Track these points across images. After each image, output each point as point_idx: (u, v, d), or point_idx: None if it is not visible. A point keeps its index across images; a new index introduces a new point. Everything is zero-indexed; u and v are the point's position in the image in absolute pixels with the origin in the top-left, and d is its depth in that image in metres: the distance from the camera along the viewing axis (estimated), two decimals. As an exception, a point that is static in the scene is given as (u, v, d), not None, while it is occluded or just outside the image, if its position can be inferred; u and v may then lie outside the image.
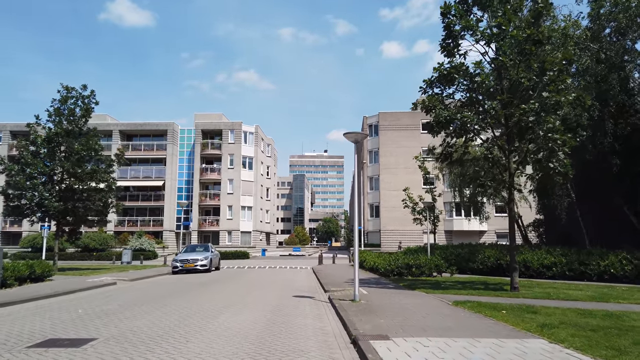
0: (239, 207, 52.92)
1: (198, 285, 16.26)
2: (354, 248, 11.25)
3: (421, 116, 52.02)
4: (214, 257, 25.12)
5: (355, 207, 11.90)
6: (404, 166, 50.85)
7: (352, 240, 57.22)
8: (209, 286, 16.05)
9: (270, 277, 21.43)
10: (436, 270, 19.61)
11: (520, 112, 12.11)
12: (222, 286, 16.02)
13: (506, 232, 51.29)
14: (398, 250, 43.98)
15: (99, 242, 46.70)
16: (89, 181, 23.39)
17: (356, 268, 11.09)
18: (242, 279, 20.04)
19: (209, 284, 17.12)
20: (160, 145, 53.84)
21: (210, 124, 54.90)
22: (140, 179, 53.13)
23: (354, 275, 11.06)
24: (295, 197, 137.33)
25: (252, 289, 15.02)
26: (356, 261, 11.14)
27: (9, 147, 51.81)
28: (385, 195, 50.67)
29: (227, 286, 16.09)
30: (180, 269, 23.01)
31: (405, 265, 19.33)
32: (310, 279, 20.35)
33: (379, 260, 22.17)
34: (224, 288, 15.30)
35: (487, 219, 35.35)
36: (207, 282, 17.97)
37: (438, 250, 26.63)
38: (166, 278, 20.64)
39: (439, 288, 14.16)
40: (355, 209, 11.57)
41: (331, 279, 18.53)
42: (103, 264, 36.13)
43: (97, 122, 54.86)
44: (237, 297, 12.69)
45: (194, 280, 18.93)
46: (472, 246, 25.57)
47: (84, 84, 23.69)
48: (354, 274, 11.06)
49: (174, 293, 13.86)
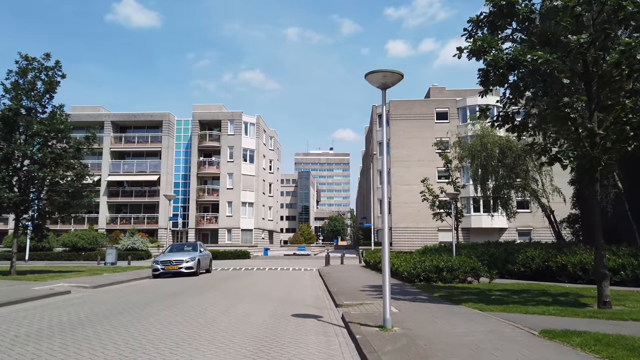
0: (239, 203, 49.24)
1: (170, 296, 12.54)
2: (363, 247, 7.34)
3: (435, 104, 48.16)
4: (204, 257, 21.45)
5: (384, 192, 7.95)
6: (416, 158, 47.01)
7: (361, 239, 53.67)
8: (182, 297, 12.33)
9: (267, 282, 17.70)
10: (472, 275, 15.80)
11: (621, 49, 8.28)
12: (200, 297, 12.29)
13: (528, 230, 47.48)
14: None
15: (88, 240, 43.13)
16: (55, 168, 19.73)
17: (386, 277, 7.26)
18: (232, 285, 16.31)
19: (185, 292, 13.40)
20: (155, 137, 50.27)
21: (208, 114, 51.24)
22: (133, 173, 49.57)
23: (384, 287, 7.26)
24: (301, 195, 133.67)
25: (237, 302, 11.28)
26: (386, 268, 7.31)
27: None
28: (396, 190, 46.80)
29: (206, 297, 12.36)
30: (161, 271, 19.36)
31: (434, 269, 15.54)
32: (316, 285, 16.60)
33: (398, 262, 18.40)
34: (200, 300, 11.57)
35: (515, 214, 31.41)
36: (186, 289, 14.25)
37: (465, 249, 22.82)
38: (140, 284, 16.96)
39: (490, 301, 10.38)
40: (385, 194, 7.59)
41: (342, 285, 14.79)
42: (85, 265, 32.58)
43: (89, 112, 51.57)
44: (211, 316, 8.96)
45: (171, 287, 15.23)
46: (509, 245, 21.75)
47: (46, 53, 20.03)
48: (384, 286, 7.26)
49: (129, 309, 10.14)
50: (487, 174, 31.29)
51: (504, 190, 30.95)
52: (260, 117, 52.63)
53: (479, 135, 32.53)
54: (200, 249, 21.49)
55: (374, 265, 23.02)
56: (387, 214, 7.09)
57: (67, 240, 42.88)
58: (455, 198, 24.52)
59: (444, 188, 29.45)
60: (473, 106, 46.37)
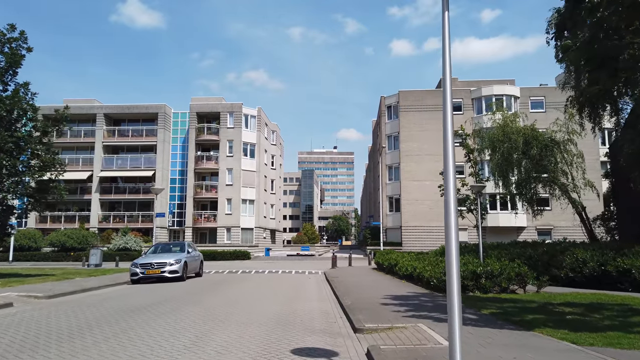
0: (239, 200, 46.30)
1: (127, 315, 9.49)
2: (371, 248, 4.31)
3: (448, 95, 45.06)
4: (192, 259, 18.52)
5: (450, 177, 4.76)
6: (428, 153, 43.96)
7: (368, 238, 50.65)
8: (144, 316, 9.32)
9: (265, 290, 14.73)
10: (517, 282, 12.78)
11: None
12: (168, 317, 9.26)
13: (549, 229, 44.25)
14: None
15: (78, 240, 40.31)
16: (16, 155, 16.84)
17: (455, 299, 4.16)
18: (220, 294, 13.35)
19: (153, 308, 10.40)
20: (151, 130, 47.40)
21: (206, 106, 48.31)
22: (127, 168, 46.69)
23: (452, 314, 4.16)
24: (304, 194, 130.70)
25: (217, 325, 8.29)
26: (455, 281, 4.21)
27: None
28: (406, 187, 43.78)
29: (177, 315, 9.34)
30: (141, 276, 16.45)
31: (470, 275, 12.53)
32: (323, 294, 13.63)
33: (420, 265, 15.42)
34: (164, 323, 8.51)
35: (541, 211, 28.34)
36: (157, 303, 11.27)
37: (494, 251, 19.82)
38: (108, 293, 14.03)
39: (571, 325, 7.39)
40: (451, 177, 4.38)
41: (357, 294, 11.83)
42: (68, 266, 29.76)
43: (80, 105, 48.76)
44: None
45: (141, 298, 12.29)
46: (550, 245, 18.73)
47: (10, 24, 17.14)
48: (451, 312, 4.15)
49: (42, 344, 7.20)
50: (509, 166, 28.17)
51: (529, 184, 27.90)
52: (262, 110, 49.68)
53: (500, 124, 29.38)
54: (189, 249, 18.54)
55: (389, 268, 20.04)
56: (453, 201, 4.11)
57: (55, 239, 40.12)
58: (480, 191, 21.47)
59: (465, 181, 26.53)
60: (489, 96, 43.30)
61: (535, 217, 28.79)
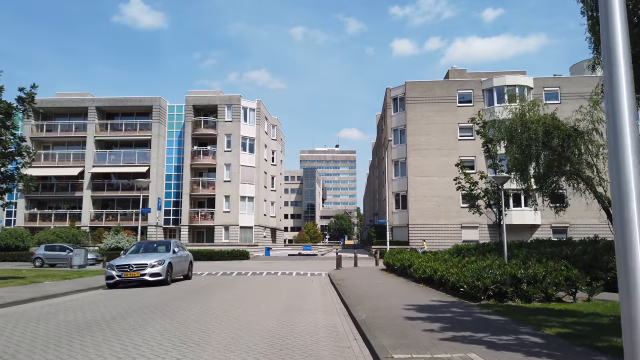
0: (237, 197, 44.07)
1: (83, 331, 7.33)
2: (377, 247, 2.03)
3: (458, 85, 42.77)
4: (179, 260, 16.30)
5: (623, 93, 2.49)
6: (436, 147, 41.72)
7: (373, 237, 48.39)
8: (95, 335, 7.11)
9: (259, 297, 12.49)
10: (566, 288, 10.52)
11: None
12: (128, 337, 7.06)
13: (564, 227, 41.85)
14: (421, 249, 34.62)
15: (67, 239, 38.10)
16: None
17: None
18: (203, 303, 11.10)
19: (114, 322, 8.18)
20: (145, 124, 45.22)
21: (203, 98, 46.07)
22: (120, 164, 44.52)
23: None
24: (306, 192, 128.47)
25: (185, 353, 6.06)
26: None
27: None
28: (413, 183, 41.49)
29: (134, 338, 7.10)
30: (117, 279, 14.25)
31: (509, 279, 10.28)
32: (329, 302, 11.39)
33: (441, 268, 13.19)
34: (107, 352, 6.36)
35: (565, 207, 26.05)
36: (120, 316, 8.96)
37: (521, 250, 17.58)
38: (77, 300, 11.82)
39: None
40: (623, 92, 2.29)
41: (370, 303, 9.62)
42: (50, 268, 27.62)
43: (70, 98, 46.63)
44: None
45: (103, 309, 10.03)
46: (589, 244, 16.50)
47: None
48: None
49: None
50: (528, 159, 25.86)
51: (550, 178, 25.62)
52: (261, 102, 47.45)
53: (517, 113, 27.09)
54: (175, 248, 16.29)
55: (402, 269, 17.81)
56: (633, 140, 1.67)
57: (42, 238, 37.92)
58: (504, 184, 19.21)
59: (484, 173, 24.34)
60: (501, 87, 40.98)
61: (558, 214, 26.45)
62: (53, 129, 45.75)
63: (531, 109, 26.12)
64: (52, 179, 45.52)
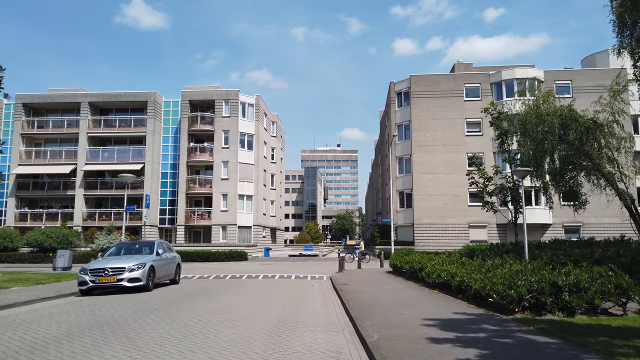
0: (235, 195, 42.37)
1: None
2: (381, 247, 0.80)
3: (464, 79, 41.02)
4: (163, 263, 14.58)
5: None
6: (442, 143, 40.00)
7: (377, 237, 46.65)
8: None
9: (249, 307, 10.76)
10: (616, 298, 8.77)
11: None
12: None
13: (577, 226, 39.83)
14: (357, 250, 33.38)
15: (57, 239, 36.40)
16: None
17: None
18: (180, 317, 9.33)
19: (54, 347, 6.48)
20: (140, 120, 43.52)
21: (200, 93, 44.37)
22: (114, 162, 42.82)
23: None
24: (307, 192, 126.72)
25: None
26: None
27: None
28: (419, 180, 39.76)
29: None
30: (91, 286, 12.54)
31: (548, 287, 8.54)
32: (332, 314, 9.65)
33: (461, 271, 11.46)
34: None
35: (584, 204, 24.28)
36: (72, 335, 7.26)
37: (544, 251, 15.84)
38: (34, 312, 10.10)
39: None
40: None
41: (381, 316, 7.90)
42: (33, 269, 25.96)
43: (63, 93, 44.97)
44: None
45: (62, 325, 8.26)
46: (624, 244, 14.77)
47: None
48: None
49: None
50: (543, 153, 24.10)
51: (568, 173, 23.87)
52: (260, 98, 45.75)
53: (532, 105, 25.30)
54: (159, 250, 14.55)
55: (411, 273, 16.07)
56: None
57: (32, 239, 36.28)
58: (524, 178, 17.44)
59: (498, 168, 22.60)
60: (510, 80, 39.26)
61: (577, 212, 24.65)
62: (45, 125, 44.13)
63: (546, 100, 24.39)
64: (44, 177, 43.91)
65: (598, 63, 42.30)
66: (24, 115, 43.71)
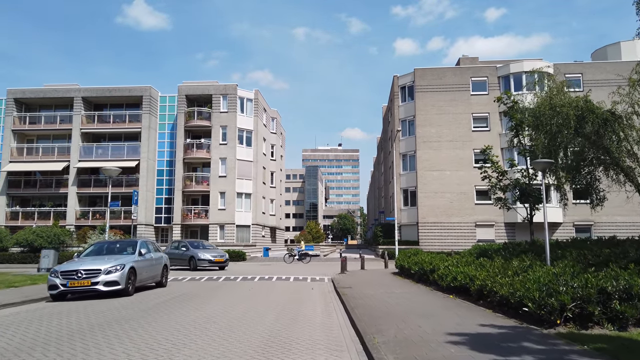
0: (233, 193, 40.92)
1: None
2: (384, 247, 0.76)
3: (471, 72, 39.50)
4: (148, 264, 13.12)
5: None
6: (448, 139, 38.50)
7: (380, 236, 45.18)
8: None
9: (233, 320, 9.25)
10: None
11: None
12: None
13: (588, 225, 38.02)
14: (297, 249, 32.78)
15: (48, 239, 34.94)
16: None
17: None
18: (145, 335, 7.82)
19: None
20: (135, 116, 42.11)
21: (197, 88, 42.93)
22: (109, 158, 41.35)
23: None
24: (308, 191, 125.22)
25: None
26: None
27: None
28: (423, 177, 38.28)
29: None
30: (62, 290, 11.10)
31: (596, 295, 7.07)
32: (335, 330, 8.16)
33: (482, 274, 10.00)
34: None
35: (602, 201, 22.77)
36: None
37: (567, 251, 14.39)
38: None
39: None
40: None
41: (395, 329, 6.43)
42: (17, 270, 24.52)
43: (55, 88, 43.58)
44: None
45: (3, 342, 6.90)
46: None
47: None
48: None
49: None
50: (557, 147, 22.56)
51: (585, 168, 22.36)
52: (259, 93, 44.30)
53: (545, 96, 23.75)
54: (142, 249, 13.07)
55: (421, 275, 14.61)
56: None
57: (21, 238, 34.82)
58: (544, 171, 15.95)
59: (514, 162, 21.13)
60: (519, 73, 37.74)
61: (595, 210, 23.12)
62: (37, 121, 42.73)
63: (560, 91, 22.88)
64: (37, 174, 42.53)
65: (610, 56, 40.79)
66: (16, 110, 42.32)
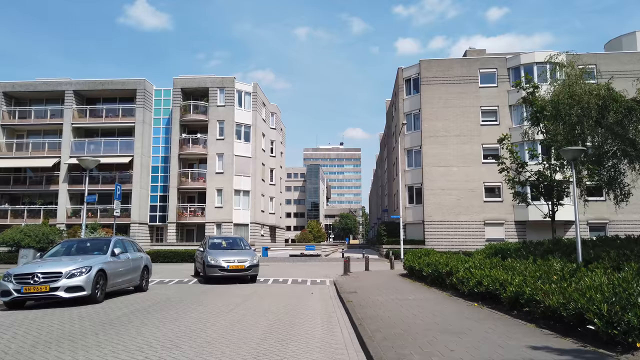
0: (231, 191, 39.21)
1: None
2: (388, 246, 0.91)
3: (480, 64, 37.71)
4: (121, 266, 11.39)
5: None
6: (455, 133, 36.74)
7: (384, 235, 43.47)
8: None
9: (210, 339, 7.55)
10: None
11: None
12: None
13: (603, 223, 35.62)
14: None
15: (36, 238, 33.21)
16: None
17: None
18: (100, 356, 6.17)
19: None
20: (129, 110, 40.40)
21: (193, 81, 41.23)
22: (101, 154, 39.64)
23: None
24: (310, 190, 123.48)
25: None
26: None
27: None
28: (429, 174, 36.51)
29: None
30: (16, 297, 9.38)
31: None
32: (340, 349, 6.44)
33: (517, 280, 8.24)
34: None
35: (627, 196, 20.98)
36: None
37: (601, 249, 12.63)
38: None
39: None
40: None
41: (419, 355, 4.71)
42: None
43: (46, 81, 41.91)
44: None
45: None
46: None
47: None
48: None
49: None
50: (576, 139, 20.75)
51: (610, 160, 20.59)
52: (258, 86, 42.57)
53: (563, 84, 21.92)
54: (115, 249, 11.35)
55: (435, 277, 12.87)
56: None
57: (8, 237, 33.09)
58: (574, 160, 14.15)
59: (535, 152, 19.37)
60: (529, 64, 35.90)
61: (618, 206, 21.32)
62: (27, 115, 41.06)
63: (579, 79, 21.11)
64: (27, 170, 40.88)
65: (625, 46, 38.96)
66: (5, 104, 40.69)
